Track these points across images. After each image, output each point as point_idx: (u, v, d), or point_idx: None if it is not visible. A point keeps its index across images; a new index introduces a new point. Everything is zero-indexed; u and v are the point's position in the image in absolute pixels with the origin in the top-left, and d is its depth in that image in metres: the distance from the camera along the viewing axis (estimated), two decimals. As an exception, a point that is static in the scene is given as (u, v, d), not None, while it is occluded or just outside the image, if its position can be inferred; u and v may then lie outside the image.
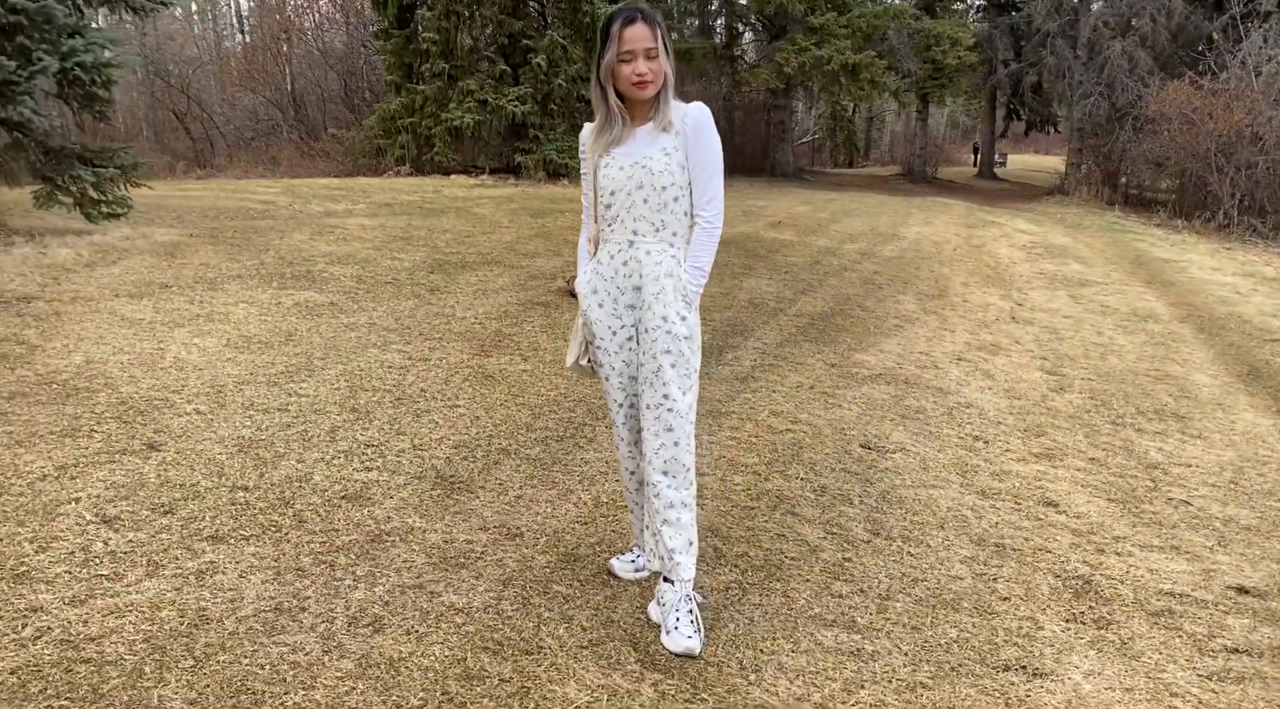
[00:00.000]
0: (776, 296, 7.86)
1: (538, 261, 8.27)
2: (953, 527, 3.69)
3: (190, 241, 7.94)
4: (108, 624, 2.47)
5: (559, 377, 5.05)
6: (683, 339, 2.68)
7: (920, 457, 4.45)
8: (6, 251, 6.86)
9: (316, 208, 11.73)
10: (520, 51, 19.24)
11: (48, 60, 7.27)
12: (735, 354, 5.89)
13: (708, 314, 6.94)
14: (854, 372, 5.78)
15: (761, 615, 2.89)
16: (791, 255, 10.36)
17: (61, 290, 5.83)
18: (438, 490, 3.51)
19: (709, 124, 2.67)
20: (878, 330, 6.97)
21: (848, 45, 22.94)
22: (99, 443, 3.61)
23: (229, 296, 6.06)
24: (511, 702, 2.33)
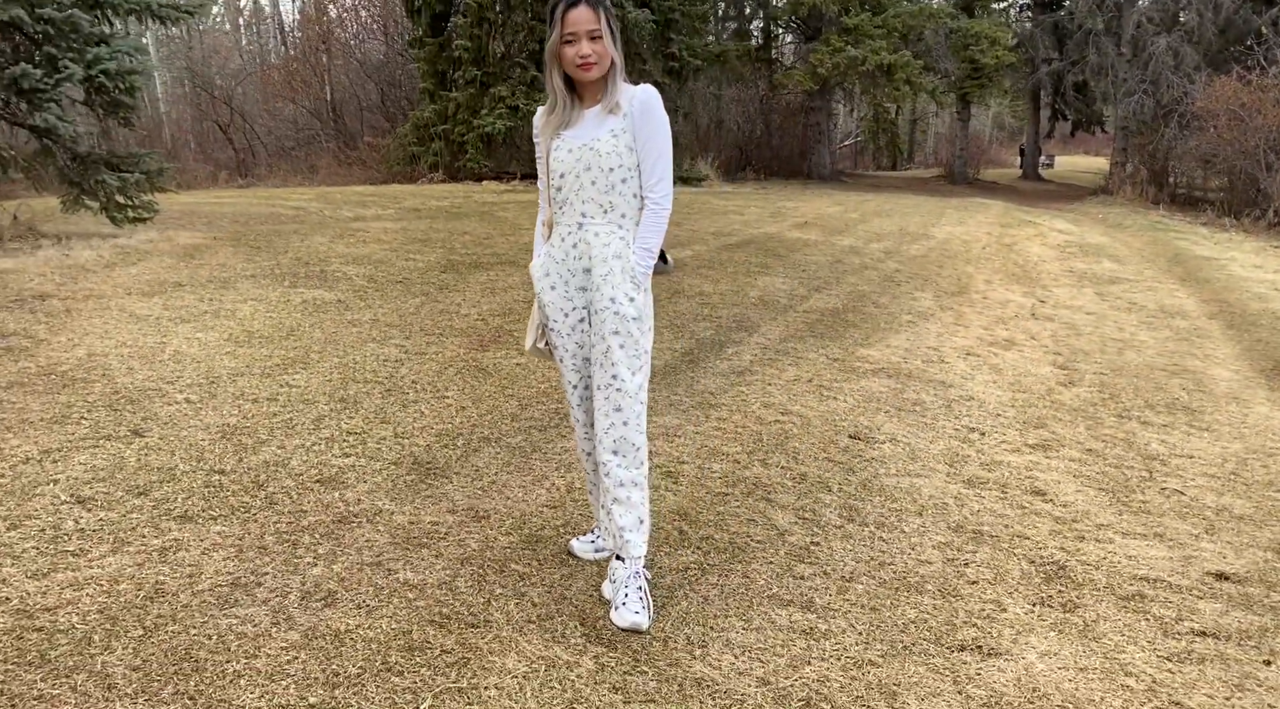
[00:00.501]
0: (789, 294, 7.84)
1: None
2: (931, 514, 3.67)
3: (211, 244, 8.13)
4: (65, 596, 2.55)
5: (551, 370, 5.09)
6: (630, 320, 2.71)
7: (910, 447, 4.42)
8: (32, 253, 7.08)
9: (346, 213, 11.93)
10: (553, 58, 19.37)
11: (73, 68, 7.50)
12: (736, 349, 5.88)
13: (714, 310, 6.94)
14: (856, 366, 5.75)
15: (717, 595, 2.89)
16: (813, 254, 10.32)
17: (77, 289, 6.01)
18: (412, 476, 3.56)
19: (657, 106, 2.69)
20: (888, 326, 6.92)
21: (883, 45, 22.80)
22: (86, 429, 3.72)
23: (239, 295, 6.19)
24: (450, 671, 2.37)
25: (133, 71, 7.92)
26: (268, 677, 2.28)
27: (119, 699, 2.14)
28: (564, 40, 2.60)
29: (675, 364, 5.43)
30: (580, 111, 2.72)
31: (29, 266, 6.57)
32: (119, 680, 2.20)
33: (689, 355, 5.65)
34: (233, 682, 2.25)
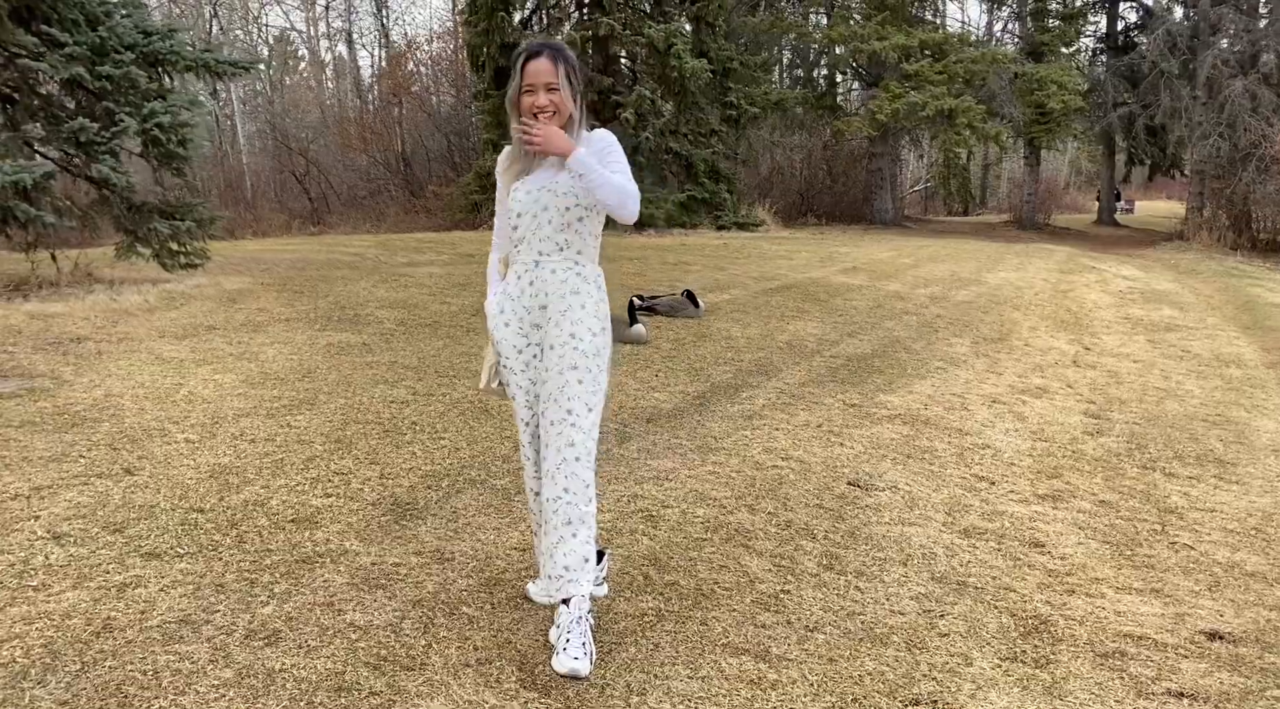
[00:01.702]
0: (819, 339, 7.75)
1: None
2: (916, 564, 3.56)
3: (256, 289, 8.38)
4: (15, 630, 2.61)
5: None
6: (590, 356, 2.72)
7: (910, 495, 4.31)
8: (82, 298, 7.39)
9: (400, 259, 12.21)
10: (609, 107, 19.70)
11: (128, 122, 7.86)
12: (751, 393, 5.83)
13: (738, 354, 6.90)
14: (873, 412, 5.64)
15: (669, 641, 2.84)
16: (854, 299, 10.21)
17: (113, 332, 6.24)
18: (388, 517, 3.58)
19: (612, 141, 2.75)
20: (915, 373, 6.79)
21: (944, 91, 22.65)
22: (81, 467, 3.83)
23: (267, 338, 6.36)
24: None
25: (186, 124, 8.27)
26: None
27: (38, 732, 2.18)
28: (523, 90, 2.67)
29: (684, 407, 5.40)
30: (540, 159, 2.77)
31: (75, 310, 6.86)
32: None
33: (700, 399, 5.61)
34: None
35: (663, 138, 19.80)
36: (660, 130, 19.58)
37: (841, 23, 25.05)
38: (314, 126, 30.69)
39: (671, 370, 6.26)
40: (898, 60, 23.63)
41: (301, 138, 28.51)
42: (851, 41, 24.17)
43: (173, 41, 8.69)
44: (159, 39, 8.55)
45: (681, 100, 20.25)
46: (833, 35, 24.76)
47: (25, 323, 6.40)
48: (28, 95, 8.08)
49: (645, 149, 19.61)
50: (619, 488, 4.06)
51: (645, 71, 20.15)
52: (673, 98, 20.09)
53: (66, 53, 7.72)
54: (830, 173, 30.43)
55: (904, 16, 24.58)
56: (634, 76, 20.71)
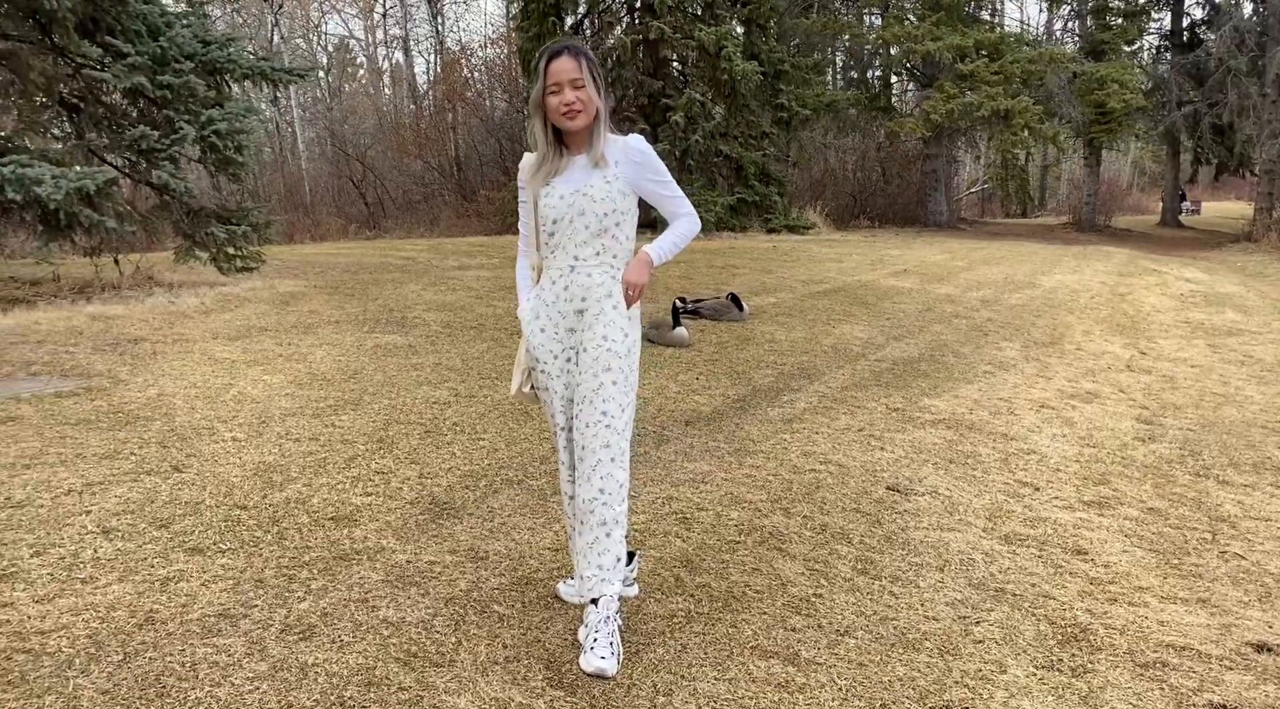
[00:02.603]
0: (865, 342, 7.69)
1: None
2: (953, 570, 3.52)
3: (308, 292, 8.55)
4: (61, 620, 2.70)
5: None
6: (622, 357, 2.75)
7: (950, 500, 4.26)
8: (142, 300, 7.60)
9: (451, 262, 12.36)
10: (660, 110, 19.74)
11: (187, 129, 8.07)
12: (792, 397, 5.81)
13: (781, 358, 6.88)
14: (916, 416, 5.59)
15: (698, 643, 2.84)
16: (903, 302, 10.10)
17: (169, 333, 6.41)
18: (425, 515, 3.64)
19: (645, 152, 2.80)
20: (962, 377, 6.71)
21: (999, 92, 22.30)
22: (131, 464, 3.95)
23: (316, 339, 6.49)
24: (400, 708, 2.40)
25: (242, 131, 8.47)
26: (224, 705, 2.36)
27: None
28: (548, 91, 2.69)
29: (723, 410, 5.40)
30: (569, 159, 2.79)
31: (134, 312, 7.06)
32: (84, 703, 2.32)
33: (740, 402, 5.60)
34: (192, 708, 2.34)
35: (712, 140, 19.78)
36: (710, 133, 19.56)
37: (895, 23, 24.78)
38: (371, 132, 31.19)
39: (713, 373, 6.26)
40: (952, 61, 23.31)
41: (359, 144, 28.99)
42: (905, 42, 23.89)
43: (230, 50, 8.91)
44: (217, 48, 8.77)
45: (732, 103, 20.22)
46: (886, 36, 24.50)
47: (87, 324, 6.61)
48: (92, 104, 8.34)
49: (695, 152, 19.61)
50: (654, 490, 4.07)
51: (696, 74, 20.14)
52: (723, 100, 20.06)
53: (129, 63, 7.95)
54: (884, 175, 30.13)
55: (959, 16, 24.23)
56: (684, 79, 20.71)
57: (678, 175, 19.49)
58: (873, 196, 29.04)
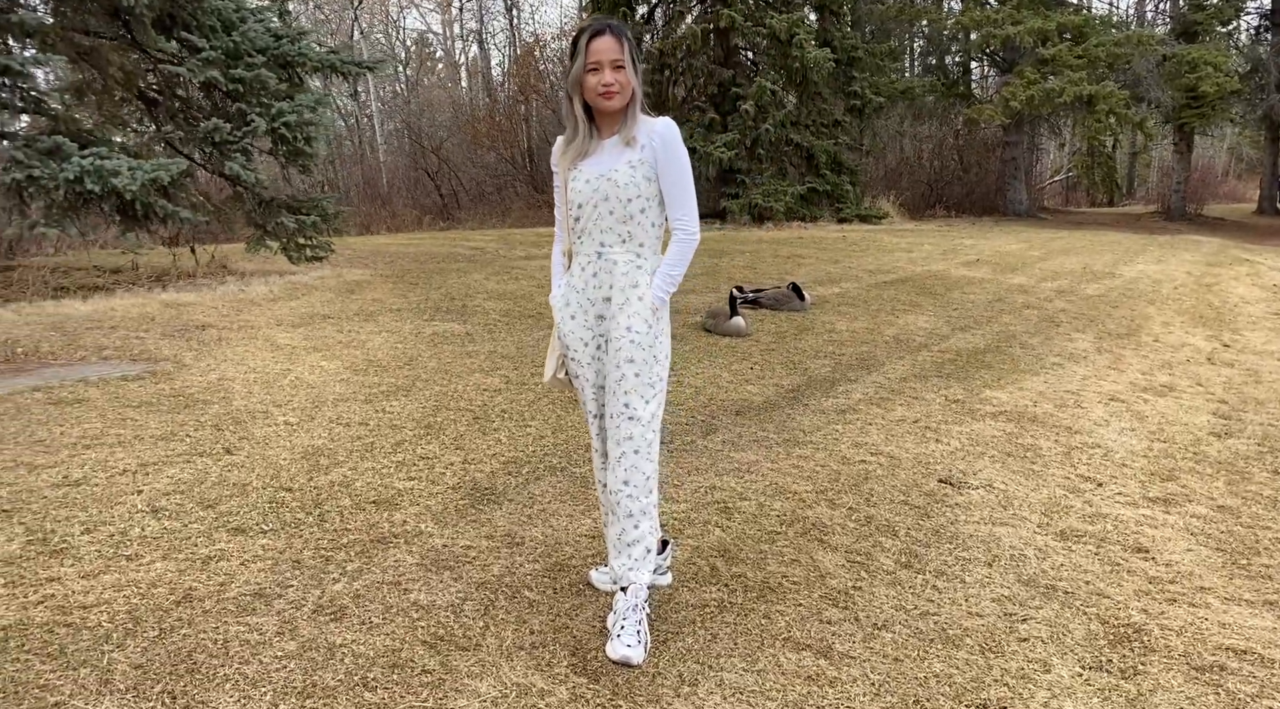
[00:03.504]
0: (929, 333, 7.52)
1: (689, 298, 8.36)
2: (1002, 565, 3.41)
3: (374, 280, 8.69)
4: (104, 596, 2.78)
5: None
6: (646, 348, 2.71)
7: (1005, 494, 4.13)
8: (214, 289, 7.81)
9: (518, 253, 12.45)
10: (730, 99, 19.59)
11: (258, 121, 8.26)
12: (848, 388, 5.70)
13: (840, 348, 6.76)
14: (976, 408, 5.44)
15: (728, 633, 2.80)
16: (972, 293, 9.85)
17: (236, 320, 6.57)
18: (466, 501, 3.66)
19: (675, 139, 2.72)
20: (1029, 369, 6.50)
21: (1082, 77, 21.58)
22: (185, 446, 4.05)
23: (376, 327, 6.58)
24: (422, 691, 2.41)
25: (311, 123, 8.63)
26: (251, 683, 2.40)
27: (109, 694, 2.31)
28: (588, 69, 2.65)
29: (775, 401, 5.32)
30: (599, 142, 2.75)
31: (205, 300, 7.26)
32: (117, 677, 2.38)
33: (794, 392, 5.52)
34: (218, 685, 2.38)
35: (783, 129, 19.55)
36: (781, 122, 19.34)
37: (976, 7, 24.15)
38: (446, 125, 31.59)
39: (768, 363, 6.18)
40: (1033, 45, 22.64)
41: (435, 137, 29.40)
42: (985, 26, 23.27)
43: (302, 44, 9.08)
44: (288, 42, 8.95)
45: (804, 91, 19.95)
46: (964, 20, 23.90)
47: (159, 311, 6.81)
48: (169, 98, 8.59)
49: (765, 141, 19.41)
50: (698, 479, 4.03)
51: (767, 63, 19.92)
52: (795, 88, 19.81)
53: (203, 57, 8.17)
54: (961, 163, 29.45)
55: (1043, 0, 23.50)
56: (755, 68, 20.51)
57: (747, 164, 19.35)
58: (949, 185, 28.40)
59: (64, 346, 5.77)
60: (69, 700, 2.27)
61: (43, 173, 6.94)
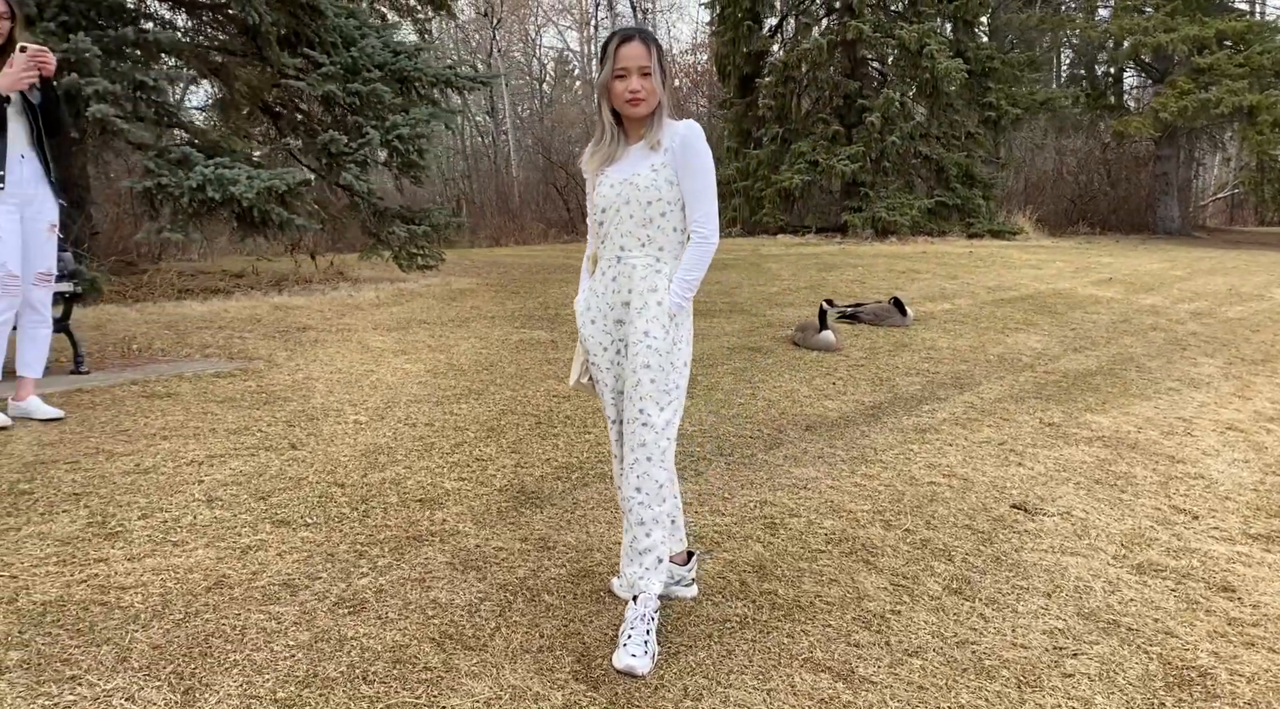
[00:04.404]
0: (1038, 353, 7.16)
1: (785, 311, 8.22)
2: (1063, 597, 3.19)
3: (478, 289, 8.89)
4: (142, 578, 2.90)
5: (711, 414, 5.03)
6: (663, 354, 2.68)
7: (1082, 523, 3.87)
8: (325, 293, 8.15)
9: (629, 264, 12.51)
10: (856, 111, 19.27)
11: (372, 134, 8.59)
12: (934, 406, 5.47)
13: (935, 366, 6.51)
14: (1071, 432, 5.13)
15: (745, 650, 2.71)
16: (1096, 312, 9.34)
17: (336, 323, 6.83)
18: (509, 503, 3.67)
19: (697, 140, 2.68)
20: (1140, 393, 6.11)
21: (1243, 86, 20.25)
22: (254, 440, 4.21)
23: (467, 332, 6.72)
24: (417, 688, 2.41)
25: (422, 136, 8.92)
26: (256, 669, 2.45)
27: (124, 671, 2.40)
28: (615, 75, 2.65)
29: (852, 417, 5.15)
30: (625, 147, 2.76)
31: (313, 304, 7.57)
32: (134, 656, 2.47)
33: (874, 410, 5.33)
34: (225, 669, 2.44)
35: (911, 141, 19.09)
36: (909, 134, 18.88)
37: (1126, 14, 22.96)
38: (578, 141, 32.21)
39: (853, 379, 6.00)
40: (1188, 53, 21.39)
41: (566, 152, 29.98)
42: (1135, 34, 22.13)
43: (418, 60, 9.41)
44: (405, 58, 9.28)
45: (934, 102, 19.45)
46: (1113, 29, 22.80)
47: (268, 313, 7.14)
48: (291, 111, 9.03)
49: (891, 153, 18.98)
50: (749, 493, 3.93)
51: (895, 74, 19.50)
52: (925, 100, 19.33)
53: (323, 72, 8.55)
54: (1109, 177, 28.06)
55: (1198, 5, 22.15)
56: (883, 79, 20.10)
57: (872, 177, 18.95)
58: (1094, 201, 27.10)
59: (173, 344, 6.11)
60: (84, 675, 2.37)
61: (170, 181, 7.39)
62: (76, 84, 6.97)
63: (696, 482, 4.05)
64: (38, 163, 4.30)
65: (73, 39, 6.90)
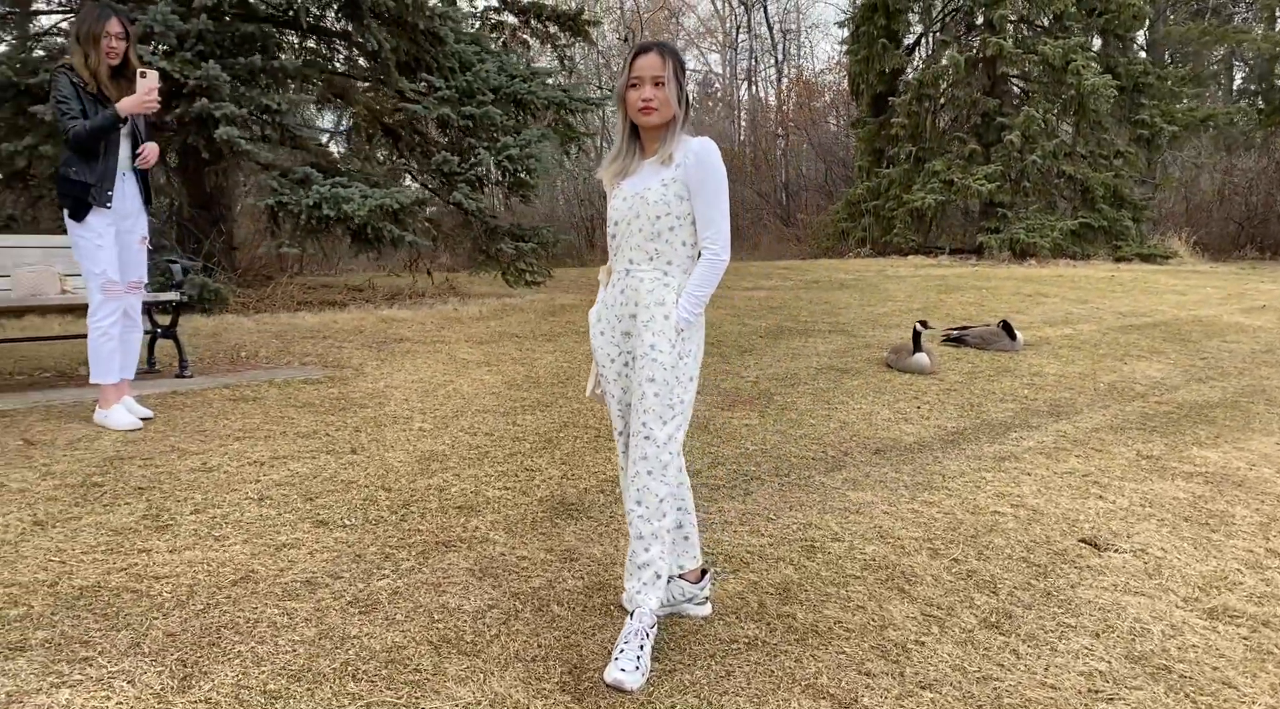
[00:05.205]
0: (1155, 383, 6.71)
1: (889, 333, 7.98)
2: (1113, 638, 2.96)
3: (580, 305, 9.00)
4: (177, 569, 3.05)
5: (777, 434, 4.93)
6: (668, 368, 2.67)
7: (1157, 562, 3.59)
8: (432, 307, 8.42)
9: (745, 284, 12.49)
10: (994, 129, 18.60)
11: (484, 154, 8.85)
12: (1022, 434, 5.19)
13: (1034, 393, 6.18)
14: (1171, 467, 4.78)
15: (745, 672, 2.63)
16: (1237, 341, 8.68)
17: (434, 335, 7.04)
18: (546, 513, 3.69)
19: (708, 157, 2.68)
20: (1263, 428, 5.64)
21: None
22: (319, 444, 4.37)
23: (554, 346, 6.81)
24: (401, 689, 2.44)
25: (532, 157, 9.13)
26: (256, 661, 2.53)
27: (133, 656, 2.52)
28: (629, 84, 2.68)
29: (928, 442, 4.95)
30: (640, 161, 2.78)
31: (417, 317, 7.83)
32: (146, 641, 2.60)
33: (954, 435, 5.11)
34: (227, 660, 2.53)
35: (1054, 160, 18.27)
36: (1051, 152, 18.08)
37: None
38: (712, 161, 32.28)
39: (940, 403, 5.77)
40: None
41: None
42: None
43: (533, 83, 9.65)
44: (520, 81, 9.53)
45: (1080, 120, 18.57)
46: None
47: (373, 325, 7.43)
48: (409, 132, 9.40)
49: (1032, 172, 18.22)
50: (795, 515, 3.82)
51: (1038, 91, 18.73)
52: (1069, 117, 18.49)
53: (439, 96, 8.88)
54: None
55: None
56: (1025, 96, 19.34)
57: (1010, 197, 18.24)
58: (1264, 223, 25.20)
59: (278, 352, 6.43)
60: (96, 657, 2.51)
61: (290, 199, 7.81)
62: (207, 108, 7.46)
63: (744, 501, 3.97)
64: (136, 181, 4.63)
65: (204, 67, 7.40)
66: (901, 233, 18.58)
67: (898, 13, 19.85)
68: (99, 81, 4.44)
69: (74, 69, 4.44)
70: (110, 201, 4.50)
